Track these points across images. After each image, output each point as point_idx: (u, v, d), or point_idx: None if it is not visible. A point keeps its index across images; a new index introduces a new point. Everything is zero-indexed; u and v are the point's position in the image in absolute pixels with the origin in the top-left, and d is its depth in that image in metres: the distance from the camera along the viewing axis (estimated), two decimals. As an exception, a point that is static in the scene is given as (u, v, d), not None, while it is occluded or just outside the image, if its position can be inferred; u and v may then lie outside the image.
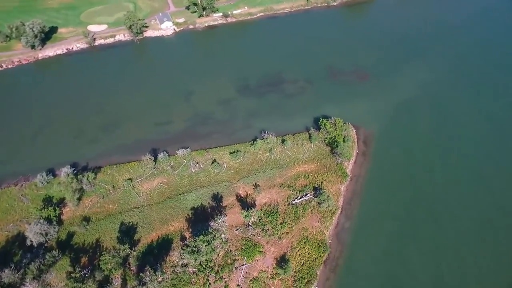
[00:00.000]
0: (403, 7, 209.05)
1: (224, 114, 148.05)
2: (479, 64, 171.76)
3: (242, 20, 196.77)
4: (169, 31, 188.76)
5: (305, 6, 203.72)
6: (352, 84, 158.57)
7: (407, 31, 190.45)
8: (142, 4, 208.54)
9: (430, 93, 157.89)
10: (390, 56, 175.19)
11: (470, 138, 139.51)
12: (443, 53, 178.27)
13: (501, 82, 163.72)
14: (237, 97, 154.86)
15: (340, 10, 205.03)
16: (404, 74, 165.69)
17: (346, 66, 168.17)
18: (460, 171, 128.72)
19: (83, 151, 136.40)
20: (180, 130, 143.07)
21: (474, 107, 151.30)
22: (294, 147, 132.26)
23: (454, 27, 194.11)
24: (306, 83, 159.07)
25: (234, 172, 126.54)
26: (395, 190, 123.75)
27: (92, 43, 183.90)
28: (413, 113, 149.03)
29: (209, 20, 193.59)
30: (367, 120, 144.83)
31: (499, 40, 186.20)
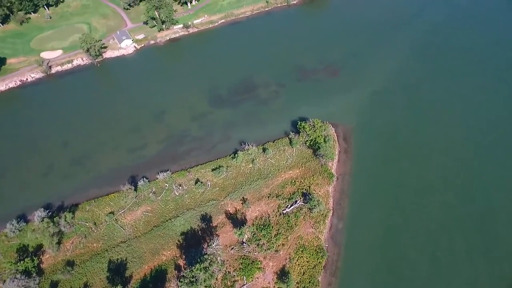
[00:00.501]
0: None
1: (200, 129, 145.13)
2: (445, 47, 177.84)
3: (204, 29, 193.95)
4: (129, 50, 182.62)
5: (265, 8, 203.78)
6: (324, 82, 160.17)
7: (370, 21, 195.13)
8: (97, 24, 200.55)
9: (401, 80, 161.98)
10: (357, 48, 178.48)
11: (447, 121, 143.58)
12: (408, 39, 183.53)
13: (465, 60, 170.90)
14: (211, 110, 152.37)
15: (300, 8, 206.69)
16: (373, 64, 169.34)
17: (316, 63, 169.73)
18: (442, 154, 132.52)
19: (56, 189, 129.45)
20: (157, 153, 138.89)
21: (447, 90, 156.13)
22: (277, 155, 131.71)
23: (415, 12, 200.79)
24: (278, 87, 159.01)
25: (220, 189, 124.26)
26: (381, 182, 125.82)
27: (48, 71, 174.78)
28: (388, 102, 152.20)
29: (170, 33, 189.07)
30: (344, 116, 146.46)
31: (460, 22, 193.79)
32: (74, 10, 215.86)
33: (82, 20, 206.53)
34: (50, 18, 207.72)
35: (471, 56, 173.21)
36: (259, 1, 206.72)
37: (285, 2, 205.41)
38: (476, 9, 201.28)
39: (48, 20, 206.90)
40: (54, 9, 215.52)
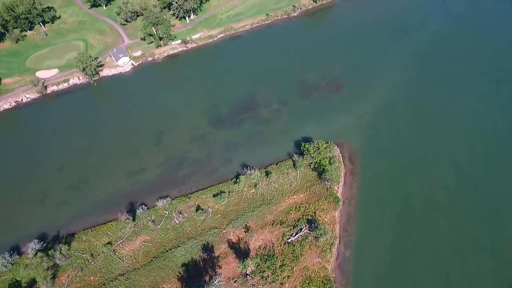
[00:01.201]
0: (362, 8, 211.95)
1: (200, 151, 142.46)
2: (449, 57, 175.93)
3: (203, 44, 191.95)
4: (127, 67, 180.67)
5: (265, 21, 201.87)
6: (328, 99, 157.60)
7: (372, 32, 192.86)
8: (94, 41, 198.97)
9: (405, 92, 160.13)
10: (360, 61, 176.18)
11: (453, 134, 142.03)
12: (410, 50, 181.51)
13: (470, 70, 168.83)
14: (211, 130, 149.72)
15: (301, 20, 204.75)
16: (376, 77, 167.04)
17: (318, 79, 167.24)
18: (450, 172, 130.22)
19: (51, 217, 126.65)
20: (156, 177, 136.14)
21: (453, 101, 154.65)
22: (280, 178, 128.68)
23: (417, 22, 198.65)
24: (280, 104, 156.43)
25: (221, 216, 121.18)
26: (388, 204, 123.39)
27: (44, 92, 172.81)
28: (392, 117, 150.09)
29: (168, 49, 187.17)
30: (349, 134, 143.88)
31: (463, 31, 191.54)
32: (71, 26, 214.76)
33: (79, 37, 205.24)
34: (46, 35, 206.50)
35: (476, 66, 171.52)
36: (259, 14, 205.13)
37: (285, 14, 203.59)
38: (479, 18, 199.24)
39: (44, 37, 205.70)
40: (50, 25, 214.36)
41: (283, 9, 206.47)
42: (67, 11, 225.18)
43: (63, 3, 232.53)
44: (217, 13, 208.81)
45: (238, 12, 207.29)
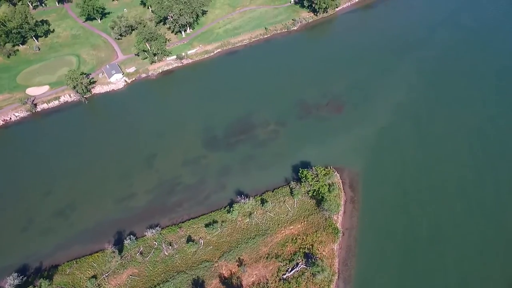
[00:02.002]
0: (365, 21, 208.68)
1: (193, 176, 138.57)
2: (456, 74, 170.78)
3: (199, 60, 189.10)
4: (120, 84, 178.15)
5: (264, 35, 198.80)
6: (328, 119, 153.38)
7: (375, 47, 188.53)
8: (87, 56, 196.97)
9: (410, 113, 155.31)
10: (362, 78, 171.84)
11: (460, 158, 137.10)
12: (416, 66, 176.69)
13: (478, 88, 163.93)
14: (205, 153, 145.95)
15: (301, 34, 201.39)
16: (379, 96, 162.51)
17: (318, 97, 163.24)
18: (458, 199, 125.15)
19: (34, 246, 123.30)
20: (146, 204, 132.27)
21: (460, 122, 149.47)
22: (276, 207, 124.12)
23: (423, 36, 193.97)
24: (278, 126, 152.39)
25: (213, 248, 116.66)
26: (391, 236, 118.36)
27: (33, 110, 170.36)
28: (396, 140, 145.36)
29: (162, 65, 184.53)
30: (350, 158, 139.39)
31: (471, 47, 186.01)
32: (64, 40, 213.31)
33: (72, 51, 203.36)
34: (39, 49, 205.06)
35: (484, 83, 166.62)
36: (257, 28, 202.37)
37: (285, 28, 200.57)
38: (488, 33, 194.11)
39: (36, 52, 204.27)
40: (44, 39, 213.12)
41: (283, 22, 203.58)
42: (61, 24, 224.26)
43: (58, 16, 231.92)
44: (214, 27, 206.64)
45: (235, 26, 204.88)
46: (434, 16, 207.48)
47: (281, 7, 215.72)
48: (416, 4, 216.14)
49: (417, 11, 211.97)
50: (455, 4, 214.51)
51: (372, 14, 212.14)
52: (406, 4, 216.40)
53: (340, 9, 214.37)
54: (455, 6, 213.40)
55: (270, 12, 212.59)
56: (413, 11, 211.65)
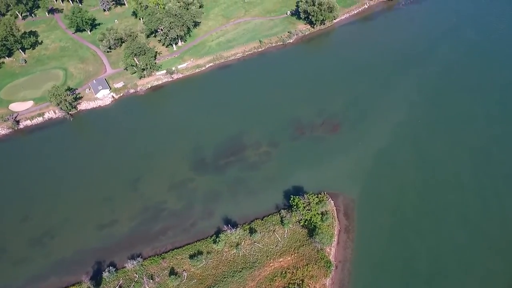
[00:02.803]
0: (363, 34, 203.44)
1: (178, 201, 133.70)
2: (460, 91, 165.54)
3: (190, 74, 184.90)
4: (106, 100, 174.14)
5: (258, 48, 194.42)
6: (323, 140, 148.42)
7: (374, 61, 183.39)
8: (74, 70, 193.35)
9: (410, 133, 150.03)
10: (360, 95, 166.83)
11: (462, 184, 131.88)
12: (417, 82, 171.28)
13: (483, 106, 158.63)
14: (192, 176, 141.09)
15: (297, 47, 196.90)
16: (378, 115, 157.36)
17: (313, 116, 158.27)
18: (460, 229, 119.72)
19: (5, 279, 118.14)
20: (128, 231, 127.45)
21: (463, 144, 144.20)
22: (265, 237, 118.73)
23: (424, 50, 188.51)
24: (270, 147, 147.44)
25: (198, 282, 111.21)
26: (388, 269, 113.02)
27: (16, 127, 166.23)
28: (394, 163, 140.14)
29: (152, 80, 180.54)
30: (345, 183, 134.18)
31: (475, 61, 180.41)
32: (52, 53, 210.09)
33: (59, 65, 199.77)
34: (25, 62, 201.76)
35: (488, 101, 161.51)
36: (251, 41, 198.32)
37: (280, 41, 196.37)
38: (491, 46, 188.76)
39: (23, 65, 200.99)
40: (31, 52, 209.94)
41: (278, 35, 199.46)
42: (50, 35, 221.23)
43: (47, 27, 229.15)
44: (207, 39, 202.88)
45: (229, 38, 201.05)
46: (435, 28, 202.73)
47: (277, 19, 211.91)
48: (417, 16, 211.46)
49: (418, 23, 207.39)
50: (457, 17, 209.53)
51: (371, 27, 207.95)
52: (406, 16, 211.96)
53: (338, 21, 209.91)
54: (458, 18, 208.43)
55: (265, 24, 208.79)
56: (413, 23, 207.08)
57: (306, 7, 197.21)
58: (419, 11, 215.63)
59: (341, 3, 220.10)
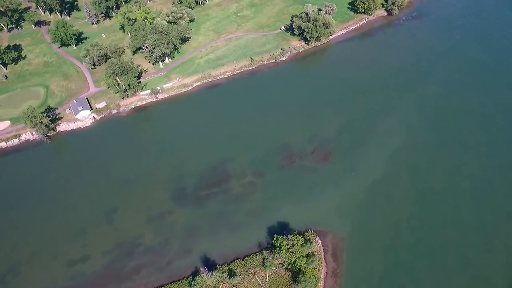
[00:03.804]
0: (361, 51, 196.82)
1: (155, 236, 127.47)
2: (462, 114, 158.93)
3: (176, 94, 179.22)
4: (87, 122, 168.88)
5: (249, 67, 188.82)
6: (312, 170, 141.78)
7: (370, 82, 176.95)
8: (56, 88, 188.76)
9: (407, 162, 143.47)
10: (355, 119, 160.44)
11: (463, 220, 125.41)
12: (416, 105, 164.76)
13: (487, 132, 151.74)
14: (171, 208, 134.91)
15: (290, 66, 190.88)
16: (373, 141, 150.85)
17: (304, 142, 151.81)
18: (461, 272, 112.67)
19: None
20: (100, 269, 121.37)
21: (465, 174, 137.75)
22: (245, 280, 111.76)
23: (425, 70, 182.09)
24: (256, 177, 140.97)
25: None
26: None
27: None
28: (390, 196, 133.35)
29: (135, 101, 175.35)
30: (335, 219, 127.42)
31: (479, 82, 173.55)
32: (35, 68, 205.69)
33: (41, 81, 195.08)
34: (6, 78, 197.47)
35: (493, 127, 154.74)
36: (242, 58, 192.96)
37: (272, 58, 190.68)
38: (498, 66, 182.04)
39: (3, 81, 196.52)
40: (13, 67, 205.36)
41: (271, 52, 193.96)
42: (34, 50, 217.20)
43: (32, 40, 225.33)
44: (195, 56, 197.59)
45: (219, 55, 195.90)
46: (437, 46, 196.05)
47: (270, 35, 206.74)
48: (418, 32, 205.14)
49: (419, 40, 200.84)
50: (461, 33, 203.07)
51: (369, 43, 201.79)
52: (406, 32, 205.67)
53: (334, 37, 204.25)
54: (461, 34, 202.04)
55: (258, 40, 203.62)
56: (414, 40, 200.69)
57: (300, 23, 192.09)
58: (421, 27, 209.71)
59: (338, 18, 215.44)
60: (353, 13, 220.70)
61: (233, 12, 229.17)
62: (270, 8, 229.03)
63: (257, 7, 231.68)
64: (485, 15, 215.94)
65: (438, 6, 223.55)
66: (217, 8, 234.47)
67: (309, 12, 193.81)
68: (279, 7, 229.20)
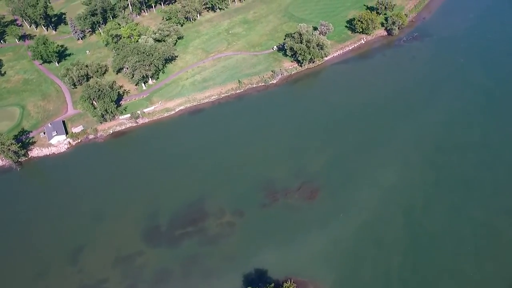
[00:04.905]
0: (357, 75, 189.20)
1: (122, 281, 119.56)
2: (465, 147, 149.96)
3: (157, 119, 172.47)
4: (62, 147, 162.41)
5: (237, 90, 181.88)
6: (297, 209, 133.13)
7: (365, 109, 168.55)
8: (33, 108, 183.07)
9: (402, 202, 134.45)
10: (346, 151, 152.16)
11: (467, 274, 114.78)
12: (414, 136, 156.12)
13: (489, 171, 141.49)
14: (142, 249, 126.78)
15: (280, 89, 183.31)
16: (365, 177, 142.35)
17: (289, 177, 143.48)
18: None
19: None
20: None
21: (466, 217, 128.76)
22: None
23: (425, 96, 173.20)
24: (234, 216, 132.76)
25: None
26: None
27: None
28: (381, 241, 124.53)
29: (114, 125, 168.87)
30: (318, 268, 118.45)
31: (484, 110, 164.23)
32: (14, 86, 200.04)
33: (18, 101, 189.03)
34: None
35: (498, 162, 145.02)
36: (230, 80, 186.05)
37: (262, 81, 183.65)
38: (505, 93, 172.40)
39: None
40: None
41: (260, 74, 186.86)
42: (15, 66, 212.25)
43: (14, 55, 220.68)
44: (181, 77, 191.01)
45: (205, 77, 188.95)
46: (439, 69, 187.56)
47: (261, 54, 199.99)
48: (420, 54, 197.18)
49: (420, 63, 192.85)
50: (465, 56, 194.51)
51: (367, 66, 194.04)
52: (407, 54, 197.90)
53: (330, 58, 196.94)
54: (466, 58, 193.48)
55: (248, 60, 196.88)
56: (415, 63, 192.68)
57: (293, 44, 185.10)
58: (422, 49, 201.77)
59: (335, 38, 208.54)
60: (351, 32, 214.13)
61: (224, 29, 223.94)
62: (263, 26, 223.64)
63: (250, 24, 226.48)
64: (492, 36, 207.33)
65: (442, 26, 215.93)
66: (208, 24, 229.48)
67: (302, 32, 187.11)
68: (273, 24, 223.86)
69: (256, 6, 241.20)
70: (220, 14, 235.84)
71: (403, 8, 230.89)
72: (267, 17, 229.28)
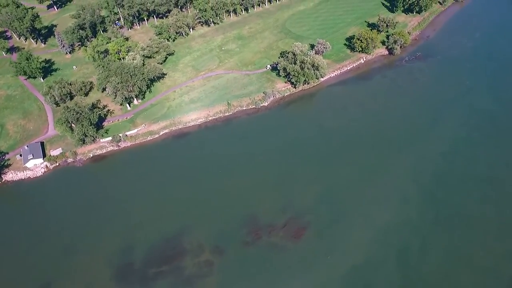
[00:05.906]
0: (354, 98, 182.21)
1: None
2: (467, 181, 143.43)
3: (140, 142, 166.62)
4: (38, 171, 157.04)
5: (225, 113, 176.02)
6: (281, 249, 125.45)
7: (359, 139, 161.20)
8: (12, 128, 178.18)
9: (396, 243, 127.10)
10: (338, 185, 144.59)
11: None
12: (412, 167, 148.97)
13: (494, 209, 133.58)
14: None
15: (271, 113, 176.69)
16: (357, 215, 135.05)
17: (275, 213, 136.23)
18: None
19: None
20: None
21: (467, 262, 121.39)
22: None
23: (426, 123, 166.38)
24: (214, 254, 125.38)
25: None
26: None
27: None
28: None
29: (94, 148, 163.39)
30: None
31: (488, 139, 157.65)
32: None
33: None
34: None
35: (503, 198, 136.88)
36: (219, 102, 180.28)
37: (252, 104, 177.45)
38: (510, 118, 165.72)
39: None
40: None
41: (251, 96, 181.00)
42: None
43: (0, 69, 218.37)
44: (168, 97, 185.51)
45: (193, 97, 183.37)
46: (443, 93, 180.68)
47: (253, 74, 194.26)
48: (422, 76, 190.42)
49: (421, 85, 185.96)
50: (471, 78, 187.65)
51: (365, 88, 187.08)
52: (408, 76, 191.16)
53: (326, 78, 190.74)
54: (472, 80, 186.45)
55: (239, 80, 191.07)
56: (416, 85, 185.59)
57: (286, 65, 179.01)
58: (425, 70, 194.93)
59: (332, 57, 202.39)
60: (350, 51, 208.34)
61: (217, 45, 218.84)
62: (258, 42, 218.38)
63: (244, 40, 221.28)
64: (498, 56, 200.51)
65: (446, 45, 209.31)
66: (201, 39, 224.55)
67: (297, 52, 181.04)
68: (268, 41, 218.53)
69: (252, 21, 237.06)
70: (214, 29, 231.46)
71: (406, 25, 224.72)
72: (263, 33, 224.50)
